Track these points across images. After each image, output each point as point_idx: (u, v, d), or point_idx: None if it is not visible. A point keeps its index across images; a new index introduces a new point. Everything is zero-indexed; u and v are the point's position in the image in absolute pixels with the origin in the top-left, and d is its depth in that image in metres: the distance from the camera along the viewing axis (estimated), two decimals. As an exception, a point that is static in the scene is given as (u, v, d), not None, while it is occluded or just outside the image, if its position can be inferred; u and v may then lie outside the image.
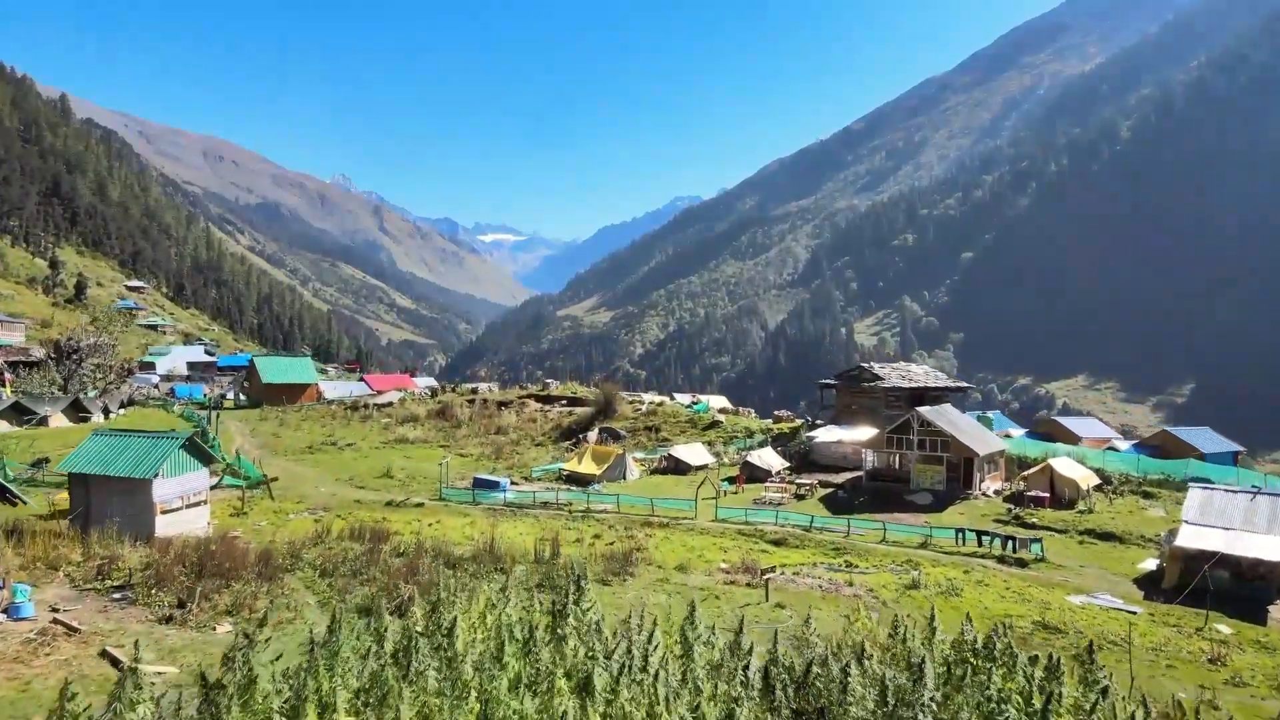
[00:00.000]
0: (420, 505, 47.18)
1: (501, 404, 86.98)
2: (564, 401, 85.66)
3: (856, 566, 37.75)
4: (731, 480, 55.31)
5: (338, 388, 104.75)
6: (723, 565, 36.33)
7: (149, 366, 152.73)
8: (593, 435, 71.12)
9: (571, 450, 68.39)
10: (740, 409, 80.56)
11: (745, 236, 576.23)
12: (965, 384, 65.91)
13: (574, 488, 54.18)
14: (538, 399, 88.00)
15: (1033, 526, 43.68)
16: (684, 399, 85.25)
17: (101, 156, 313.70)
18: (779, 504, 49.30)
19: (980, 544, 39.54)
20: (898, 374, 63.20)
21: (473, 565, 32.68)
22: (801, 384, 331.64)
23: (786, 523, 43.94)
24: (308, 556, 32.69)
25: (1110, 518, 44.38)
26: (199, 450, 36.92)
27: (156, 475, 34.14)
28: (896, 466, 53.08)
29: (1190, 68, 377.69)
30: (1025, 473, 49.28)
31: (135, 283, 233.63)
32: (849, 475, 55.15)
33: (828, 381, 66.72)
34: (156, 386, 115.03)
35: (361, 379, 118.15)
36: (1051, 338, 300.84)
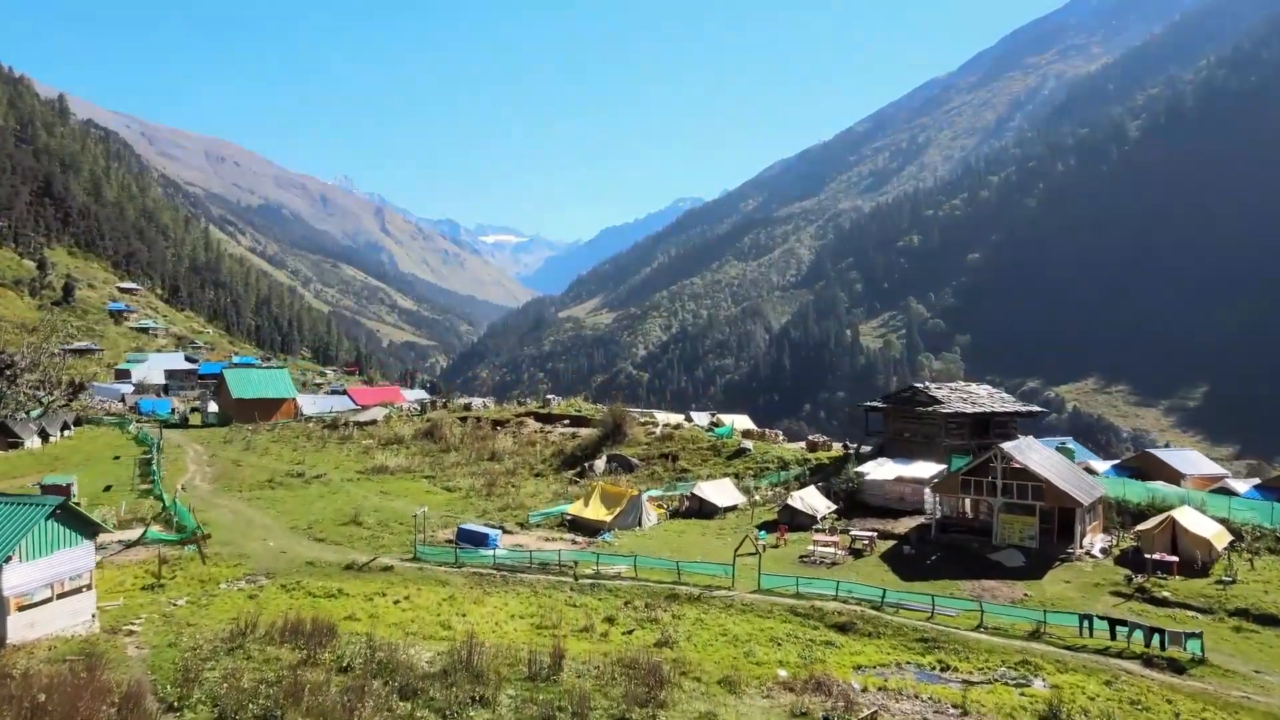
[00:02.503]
0: (388, 569, 37.83)
1: (497, 423, 77.66)
2: (567, 421, 76.32)
3: (957, 670, 28.46)
4: (770, 527, 45.99)
5: (318, 403, 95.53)
6: (782, 676, 26.99)
7: (125, 375, 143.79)
8: (600, 463, 61.86)
9: (575, 482, 59.15)
10: (767, 431, 71.10)
11: (748, 237, 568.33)
12: (1037, 408, 56.69)
13: (579, 538, 44.94)
14: (538, 418, 78.67)
15: (1164, 603, 34.31)
16: (702, 418, 75.95)
17: (99, 157, 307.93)
18: (833, 564, 40.00)
19: (1113, 636, 30.18)
20: (958, 396, 53.80)
21: (442, 688, 23.42)
22: (807, 387, 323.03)
23: (850, 596, 34.57)
24: (210, 679, 23.33)
25: (1262, 590, 34.96)
26: (78, 519, 27.61)
27: (9, 559, 24.85)
28: (971, 515, 43.76)
29: (1199, 67, 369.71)
30: (1138, 527, 39.78)
31: (128, 284, 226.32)
32: (909, 521, 45.81)
33: (874, 404, 57.19)
34: (122, 400, 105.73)
35: (345, 391, 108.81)
36: (1060, 340, 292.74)
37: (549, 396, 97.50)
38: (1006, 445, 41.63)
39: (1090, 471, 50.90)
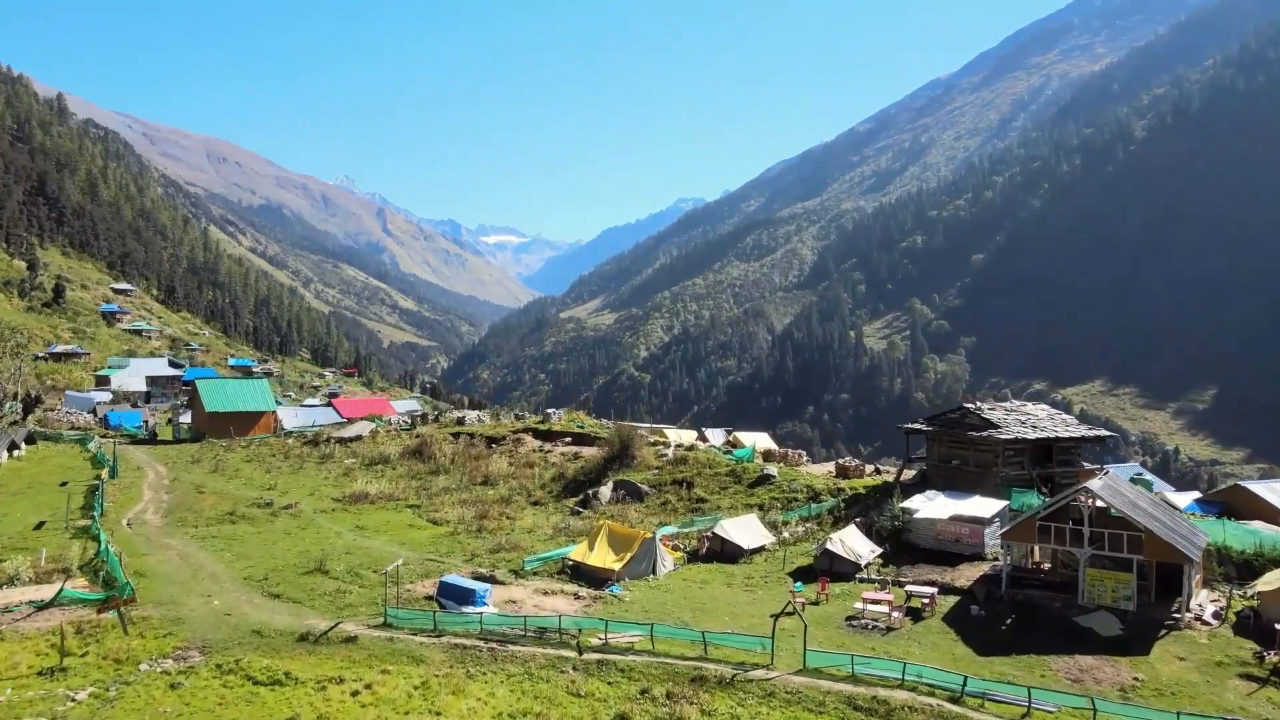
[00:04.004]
0: (351, 640, 31.07)
1: (492, 441, 71.00)
2: (568, 439, 69.63)
3: (1079, 804, 21.82)
4: (806, 575, 39.23)
5: (300, 415, 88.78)
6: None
7: (105, 382, 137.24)
8: (605, 491, 55.21)
9: (578, 513, 52.52)
10: (789, 451, 64.38)
11: (750, 238, 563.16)
12: (1106, 431, 49.87)
13: (583, 589, 38.23)
14: (537, 434, 72.02)
15: (1311, 691, 27.61)
16: (717, 437, 69.37)
17: (96, 156, 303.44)
18: (888, 629, 33.28)
19: (1272, 749, 23.52)
20: (1015, 419, 47.09)
21: None
22: (810, 389, 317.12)
23: (920, 681, 27.82)
24: None
25: None
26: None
27: None
28: (1047, 564, 37.09)
29: (1205, 67, 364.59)
30: (1260, 586, 33.06)
31: (122, 285, 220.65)
32: (969, 569, 39.03)
33: (917, 427, 50.41)
34: (93, 411, 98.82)
35: (330, 403, 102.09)
36: (1066, 341, 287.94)
37: (549, 410, 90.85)
38: (1094, 484, 34.90)
39: (1170, 507, 44.12)
